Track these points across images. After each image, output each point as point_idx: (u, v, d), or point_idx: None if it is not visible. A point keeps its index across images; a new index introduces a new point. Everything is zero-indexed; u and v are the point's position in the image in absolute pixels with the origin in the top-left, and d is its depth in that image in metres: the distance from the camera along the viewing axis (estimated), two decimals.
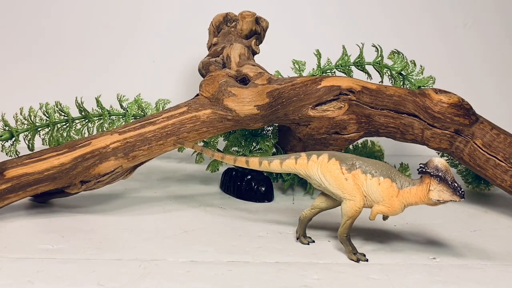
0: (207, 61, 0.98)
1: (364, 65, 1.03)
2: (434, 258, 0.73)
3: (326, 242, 0.78)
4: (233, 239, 0.78)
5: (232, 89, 0.85)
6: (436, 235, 0.82)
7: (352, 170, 0.72)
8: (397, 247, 0.77)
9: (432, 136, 0.89)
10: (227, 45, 0.98)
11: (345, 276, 0.67)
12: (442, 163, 0.68)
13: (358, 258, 0.72)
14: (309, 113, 0.87)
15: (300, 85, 0.88)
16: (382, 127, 0.90)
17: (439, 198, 0.68)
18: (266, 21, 1.07)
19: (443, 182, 0.68)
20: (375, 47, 1.03)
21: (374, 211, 0.72)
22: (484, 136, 0.89)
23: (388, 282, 0.65)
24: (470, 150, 0.90)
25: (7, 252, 0.72)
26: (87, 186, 0.87)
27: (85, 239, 0.77)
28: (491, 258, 0.74)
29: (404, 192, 0.71)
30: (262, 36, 1.08)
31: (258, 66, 0.93)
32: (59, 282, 0.63)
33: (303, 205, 0.83)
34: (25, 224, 0.82)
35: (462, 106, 0.88)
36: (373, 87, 0.90)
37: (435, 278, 0.67)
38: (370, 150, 1.10)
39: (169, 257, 0.71)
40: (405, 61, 1.01)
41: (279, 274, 0.67)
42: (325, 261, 0.71)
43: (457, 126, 0.89)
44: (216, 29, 1.06)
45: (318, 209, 0.77)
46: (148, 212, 0.89)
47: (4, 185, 0.83)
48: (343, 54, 1.03)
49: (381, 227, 0.84)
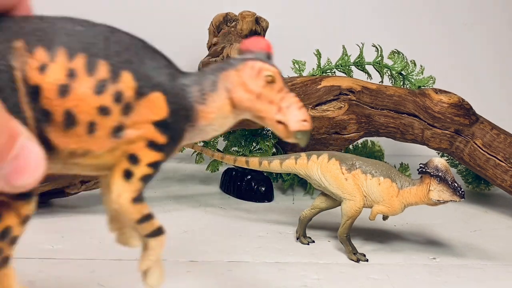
0: (207, 61, 0.98)
1: (364, 65, 1.03)
2: (434, 258, 0.73)
3: (326, 242, 0.78)
4: (233, 239, 0.78)
5: None
6: (436, 235, 0.82)
7: (352, 170, 0.72)
8: (397, 247, 0.77)
9: (432, 136, 0.89)
10: (227, 45, 0.98)
11: (345, 276, 0.67)
12: (442, 163, 0.68)
13: (358, 258, 0.72)
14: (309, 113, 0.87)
15: (300, 85, 0.88)
16: (382, 127, 0.90)
17: (439, 198, 0.68)
18: (266, 21, 1.07)
19: (443, 182, 0.68)
20: (375, 47, 1.03)
21: (374, 211, 0.72)
22: (484, 136, 0.89)
23: (388, 282, 0.65)
24: (470, 150, 0.90)
25: None
26: (87, 186, 0.87)
27: (85, 239, 0.77)
28: (491, 258, 0.74)
29: (404, 192, 0.71)
30: (262, 36, 1.08)
31: None
32: (58, 282, 0.63)
33: (303, 205, 0.83)
34: None
35: (462, 106, 0.88)
36: (373, 87, 0.90)
37: (435, 278, 0.67)
38: (370, 150, 1.10)
39: (169, 257, 0.71)
40: (405, 61, 1.01)
41: (279, 274, 0.67)
42: (325, 261, 0.71)
43: (457, 126, 0.89)
44: (216, 29, 1.06)
45: (318, 209, 0.77)
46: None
47: None
48: (343, 54, 1.03)
49: (381, 227, 0.84)
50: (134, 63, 0.40)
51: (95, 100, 0.39)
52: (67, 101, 0.38)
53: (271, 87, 0.43)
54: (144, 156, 0.41)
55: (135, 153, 0.41)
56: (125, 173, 0.42)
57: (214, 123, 0.44)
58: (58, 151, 0.40)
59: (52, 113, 0.38)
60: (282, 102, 0.43)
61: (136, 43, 0.42)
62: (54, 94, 0.38)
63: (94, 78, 0.39)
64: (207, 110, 0.43)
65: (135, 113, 0.40)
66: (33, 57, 0.38)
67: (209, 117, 0.43)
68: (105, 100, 0.39)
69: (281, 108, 0.43)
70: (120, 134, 0.40)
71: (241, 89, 0.43)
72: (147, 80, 0.41)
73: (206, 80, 0.43)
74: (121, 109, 0.40)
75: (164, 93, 0.41)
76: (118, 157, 0.41)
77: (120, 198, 0.42)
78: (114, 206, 0.42)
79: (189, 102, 0.42)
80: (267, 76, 0.43)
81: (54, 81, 0.38)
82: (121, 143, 0.41)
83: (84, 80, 0.38)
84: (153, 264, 0.45)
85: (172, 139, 0.42)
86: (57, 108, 0.38)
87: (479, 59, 1.39)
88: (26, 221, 0.40)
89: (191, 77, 0.43)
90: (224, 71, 0.43)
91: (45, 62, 0.38)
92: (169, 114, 0.41)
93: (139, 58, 0.41)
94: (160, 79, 0.41)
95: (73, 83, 0.38)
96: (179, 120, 0.42)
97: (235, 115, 0.44)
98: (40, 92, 0.38)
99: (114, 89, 0.39)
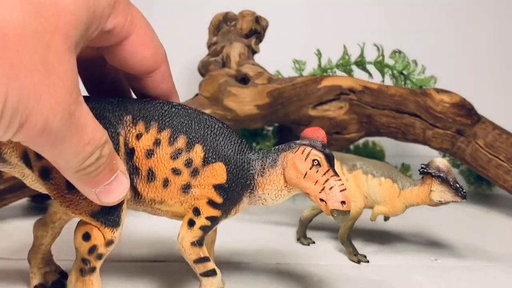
0: (206, 60, 0.97)
1: (365, 64, 1.02)
2: (436, 259, 0.73)
3: (327, 243, 0.77)
4: (233, 240, 0.77)
5: (232, 88, 0.85)
6: (438, 236, 0.82)
7: (353, 170, 0.71)
8: (398, 248, 0.76)
9: (433, 136, 0.89)
10: (227, 45, 0.98)
11: (346, 277, 0.66)
12: (444, 163, 0.68)
13: (359, 259, 0.71)
14: (309, 113, 0.86)
15: (301, 85, 0.87)
16: (383, 127, 0.90)
17: (440, 198, 0.68)
18: (266, 20, 1.07)
19: (444, 182, 0.67)
20: (376, 46, 1.03)
21: (375, 212, 0.72)
22: (486, 136, 0.89)
23: (389, 284, 0.65)
24: (472, 150, 0.89)
25: (6, 253, 0.71)
26: None
27: None
28: (493, 259, 0.73)
29: (405, 193, 0.70)
30: (262, 35, 1.07)
31: (258, 65, 0.92)
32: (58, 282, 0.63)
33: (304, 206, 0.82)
34: (24, 225, 0.82)
35: (464, 106, 0.88)
36: (374, 87, 0.90)
37: (436, 280, 0.66)
38: (371, 150, 1.10)
39: (169, 258, 0.71)
40: (407, 60, 1.01)
41: (280, 275, 0.66)
42: (326, 262, 0.71)
43: (459, 126, 0.88)
44: (216, 28, 1.06)
45: (318, 210, 0.77)
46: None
47: (2, 186, 0.82)
48: (344, 54, 1.03)
49: (382, 228, 0.83)
50: (207, 139, 0.53)
51: (171, 163, 0.52)
52: (150, 161, 0.52)
53: (317, 169, 0.52)
54: (205, 211, 0.54)
55: (198, 207, 0.54)
56: (189, 222, 0.54)
57: (269, 193, 0.54)
58: (143, 197, 0.54)
59: (140, 169, 0.52)
60: (326, 183, 0.51)
61: (214, 124, 0.54)
62: (143, 156, 0.52)
63: (173, 147, 0.52)
64: (263, 181, 0.54)
65: (201, 176, 0.53)
66: (135, 128, 0.52)
67: (265, 188, 0.54)
68: (178, 164, 0.53)
69: (324, 188, 0.51)
70: (188, 190, 0.53)
71: (292, 168, 0.53)
72: (214, 152, 0.53)
73: (269, 158, 0.54)
74: (190, 172, 0.53)
75: (226, 164, 0.53)
76: (186, 208, 0.54)
77: (183, 241, 0.54)
78: (179, 246, 0.55)
79: (250, 173, 0.54)
80: (314, 160, 0.52)
81: (144, 146, 0.52)
82: (188, 198, 0.54)
83: (165, 148, 0.52)
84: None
85: (228, 200, 0.54)
86: (143, 166, 0.52)
87: (481, 59, 1.38)
88: (110, 244, 0.52)
89: (258, 154, 0.55)
90: (284, 152, 0.54)
91: (141, 132, 0.52)
92: (227, 180, 0.53)
93: (213, 136, 0.54)
94: (226, 153, 0.53)
95: (157, 149, 0.52)
96: (238, 186, 0.54)
97: (288, 189, 0.54)
98: (134, 153, 0.52)
99: (186, 157, 0.53)
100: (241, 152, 0.54)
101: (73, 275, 0.53)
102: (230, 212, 0.55)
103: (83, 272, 0.52)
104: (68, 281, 0.54)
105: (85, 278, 0.52)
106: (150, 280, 0.64)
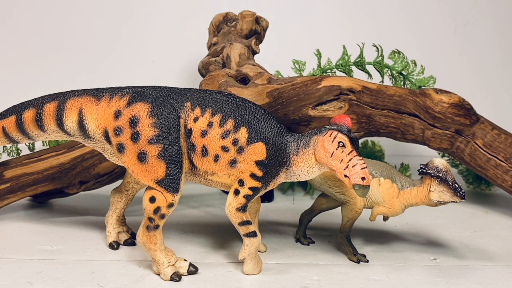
0: (207, 60, 0.97)
1: (364, 65, 1.02)
2: (435, 258, 0.73)
3: (326, 243, 0.78)
4: (233, 239, 0.77)
5: (232, 89, 0.85)
6: (437, 235, 0.82)
7: None
8: (398, 248, 0.77)
9: (432, 136, 0.89)
10: (227, 45, 0.98)
11: (346, 277, 0.67)
12: (443, 163, 0.68)
13: (358, 259, 0.71)
14: (309, 113, 0.87)
15: (300, 85, 0.88)
16: (383, 127, 0.90)
17: (439, 199, 0.68)
18: (266, 20, 1.07)
19: (443, 183, 0.68)
20: (375, 46, 1.03)
21: (374, 212, 0.72)
22: (485, 136, 0.89)
23: (388, 283, 0.65)
24: (470, 150, 0.90)
25: (6, 253, 0.71)
26: (86, 186, 0.86)
27: (85, 239, 0.77)
28: (492, 259, 0.74)
29: (404, 193, 0.70)
30: (262, 36, 1.07)
31: (258, 65, 0.93)
32: (58, 283, 0.63)
33: (303, 206, 0.83)
34: (24, 224, 0.82)
35: (462, 106, 0.88)
36: (373, 87, 0.90)
37: (435, 279, 0.67)
38: (370, 150, 1.10)
39: None
40: (406, 60, 1.01)
41: (279, 275, 0.67)
42: (325, 262, 0.71)
43: (458, 126, 0.89)
44: (216, 29, 1.06)
45: (318, 210, 0.77)
46: None
47: (3, 186, 0.82)
48: (343, 54, 1.03)
49: (381, 228, 0.84)
50: (251, 122, 0.63)
51: (221, 142, 0.63)
52: (204, 140, 0.63)
53: (342, 150, 0.61)
54: (248, 182, 0.64)
55: (242, 179, 0.64)
56: (235, 191, 0.64)
57: (302, 170, 0.64)
58: (198, 169, 0.64)
59: (196, 146, 0.63)
60: (349, 162, 0.61)
61: (258, 110, 0.65)
62: (198, 135, 0.63)
63: (223, 128, 0.63)
64: (298, 159, 0.64)
65: (245, 153, 0.63)
66: (193, 112, 0.63)
67: (299, 165, 0.64)
68: (227, 142, 0.63)
69: (348, 166, 0.60)
70: (234, 165, 0.63)
71: (321, 149, 0.62)
72: (256, 134, 0.63)
73: (303, 140, 0.64)
74: (236, 149, 0.63)
75: (266, 144, 0.63)
76: (233, 180, 0.64)
77: (229, 207, 0.65)
78: (226, 211, 0.65)
79: (287, 153, 0.64)
80: (340, 142, 0.61)
81: (199, 128, 0.63)
82: (234, 171, 0.64)
83: (216, 129, 0.63)
84: (248, 257, 0.65)
85: (267, 174, 0.63)
86: (198, 143, 0.63)
87: (480, 59, 1.39)
88: (171, 206, 0.63)
89: (294, 136, 0.64)
90: (316, 135, 0.63)
91: (198, 116, 0.63)
92: (267, 157, 0.63)
93: (256, 120, 0.64)
94: (266, 134, 0.63)
95: (210, 130, 0.63)
96: (276, 163, 0.63)
97: (319, 167, 0.64)
98: (191, 133, 0.63)
99: (233, 137, 0.63)
100: (279, 134, 0.64)
101: (141, 230, 0.64)
102: (269, 184, 0.65)
103: (149, 228, 0.63)
104: (137, 235, 0.64)
105: (150, 233, 0.63)
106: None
